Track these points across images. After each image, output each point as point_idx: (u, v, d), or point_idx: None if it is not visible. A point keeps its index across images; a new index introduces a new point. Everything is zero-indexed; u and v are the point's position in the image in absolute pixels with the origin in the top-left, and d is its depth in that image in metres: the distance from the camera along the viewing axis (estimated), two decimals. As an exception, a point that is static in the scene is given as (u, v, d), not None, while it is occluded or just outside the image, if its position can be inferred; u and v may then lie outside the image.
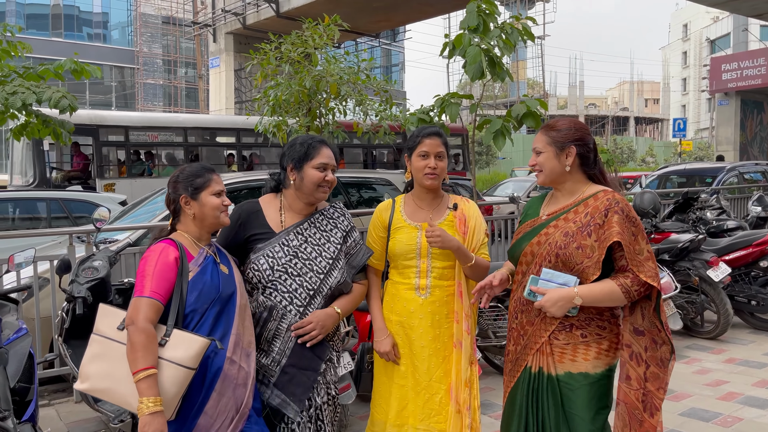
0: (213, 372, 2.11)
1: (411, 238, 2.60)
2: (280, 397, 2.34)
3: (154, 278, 2.07)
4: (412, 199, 2.71)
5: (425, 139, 2.59)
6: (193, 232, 2.27)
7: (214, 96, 21.60)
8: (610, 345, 2.26)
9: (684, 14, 62.47)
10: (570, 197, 2.34)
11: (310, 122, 5.30)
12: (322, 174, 2.43)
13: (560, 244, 2.24)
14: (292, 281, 2.38)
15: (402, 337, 2.62)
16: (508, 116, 5.71)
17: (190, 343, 2.03)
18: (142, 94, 37.83)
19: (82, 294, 3.35)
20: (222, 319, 2.17)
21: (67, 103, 3.81)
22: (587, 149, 2.31)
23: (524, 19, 6.64)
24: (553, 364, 2.27)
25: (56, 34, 36.33)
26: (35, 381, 2.95)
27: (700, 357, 5.35)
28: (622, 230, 2.15)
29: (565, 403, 2.24)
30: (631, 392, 2.21)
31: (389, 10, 18.79)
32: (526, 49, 46.72)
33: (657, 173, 12.55)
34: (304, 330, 2.35)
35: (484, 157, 36.35)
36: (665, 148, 51.32)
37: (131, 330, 2.00)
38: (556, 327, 2.26)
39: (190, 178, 2.26)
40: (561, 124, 2.33)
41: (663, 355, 2.21)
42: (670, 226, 6.62)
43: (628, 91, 70.54)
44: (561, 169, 2.30)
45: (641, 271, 2.15)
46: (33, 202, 8.22)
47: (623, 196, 2.26)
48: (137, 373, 1.95)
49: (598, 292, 2.17)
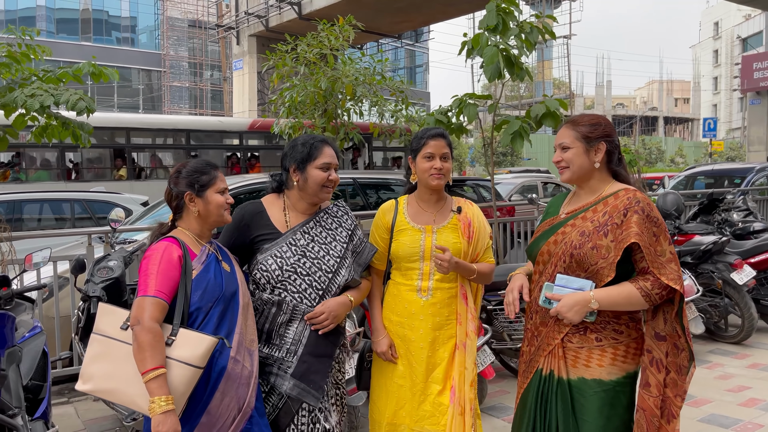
0: (217, 371, 2.09)
1: (414, 240, 2.59)
2: (299, 387, 2.34)
3: (158, 277, 2.05)
4: (415, 201, 2.70)
5: (430, 141, 2.59)
6: (194, 229, 2.25)
7: (238, 98, 21.81)
8: (627, 350, 2.17)
9: (715, 12, 61.26)
10: (591, 195, 2.27)
11: (326, 123, 5.30)
12: (326, 174, 2.43)
13: (575, 244, 2.17)
14: (302, 281, 2.38)
15: (401, 338, 2.62)
16: (527, 117, 5.66)
17: (197, 341, 2.02)
18: (168, 96, 38.39)
19: (97, 293, 3.40)
20: (226, 318, 2.16)
21: (84, 105, 3.87)
22: (614, 146, 2.25)
23: (545, 17, 6.56)
24: (565, 368, 2.20)
25: (85, 38, 37.07)
26: (48, 379, 3.00)
27: (723, 362, 5.22)
28: (641, 231, 2.06)
29: (576, 409, 2.17)
30: (650, 399, 2.13)
31: (411, 11, 18.76)
32: (551, 49, 46.29)
33: (683, 174, 12.30)
34: (317, 320, 2.36)
35: (509, 158, 36.10)
36: (695, 149, 50.36)
37: (137, 330, 1.98)
38: (570, 329, 2.19)
39: (196, 175, 2.23)
40: (588, 119, 2.26)
41: (682, 362, 2.13)
42: (693, 228, 6.48)
43: (657, 91, 69.39)
44: (590, 166, 2.23)
45: (662, 274, 2.06)
46: (57, 203, 8.40)
47: (647, 196, 2.17)
48: (147, 373, 1.93)
49: (617, 296, 2.09)
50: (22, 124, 4.17)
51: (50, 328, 4.62)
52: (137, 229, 5.37)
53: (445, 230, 2.61)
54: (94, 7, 37.94)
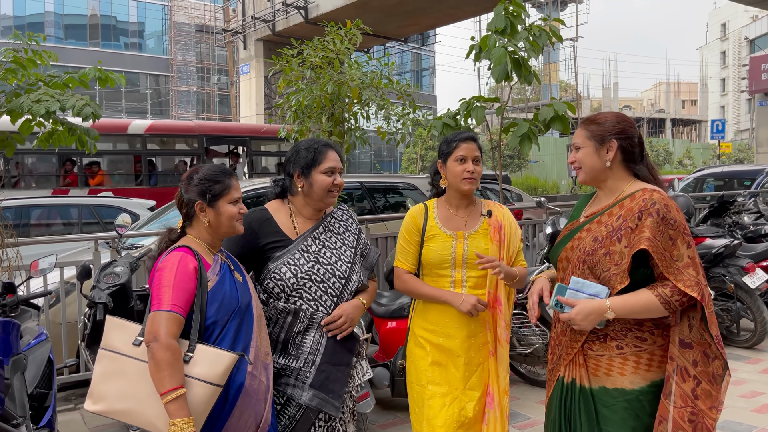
0: (235, 388, 1.99)
1: (446, 247, 2.55)
2: (319, 397, 2.29)
3: (174, 290, 1.94)
4: (445, 205, 2.65)
5: (462, 144, 2.56)
6: (205, 238, 2.15)
7: (245, 102, 21.85)
8: (652, 358, 2.05)
9: (722, 13, 61.01)
10: (611, 197, 2.16)
11: (333, 127, 5.28)
12: (331, 179, 2.39)
13: (588, 250, 2.08)
14: (317, 288, 2.34)
15: (437, 346, 2.57)
16: (535, 119, 5.61)
17: (216, 358, 1.93)
18: (176, 101, 38.53)
19: (103, 300, 3.38)
20: (242, 331, 2.07)
21: (90, 111, 3.85)
22: (631, 143, 2.13)
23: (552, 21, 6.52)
24: (587, 376, 2.11)
25: (93, 43, 37.29)
26: (54, 386, 2.97)
27: (735, 367, 5.15)
28: (653, 235, 1.95)
29: (600, 420, 2.08)
30: (676, 410, 1.98)
31: (417, 15, 18.75)
32: (558, 52, 46.17)
33: (693, 176, 12.21)
34: (336, 325, 2.32)
35: (516, 161, 35.98)
36: (703, 151, 50.07)
37: (155, 347, 1.87)
38: (589, 337, 2.10)
39: (208, 183, 2.12)
40: (602, 117, 2.17)
41: (716, 371, 1.99)
42: (704, 231, 6.41)
43: (664, 93, 69.14)
44: (602, 165, 2.13)
45: (678, 280, 1.95)
46: (66, 208, 8.42)
47: (666, 196, 2.04)
48: (166, 394, 1.83)
49: (634, 304, 1.99)
50: (28, 130, 4.16)
51: (57, 334, 4.61)
52: (144, 234, 5.35)
53: (477, 236, 2.57)
54: (102, 12, 38.17)
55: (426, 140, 33.01)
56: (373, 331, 4.47)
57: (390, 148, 42.71)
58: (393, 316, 4.16)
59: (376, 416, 4.26)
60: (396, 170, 40.79)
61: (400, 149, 39.63)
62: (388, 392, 4.54)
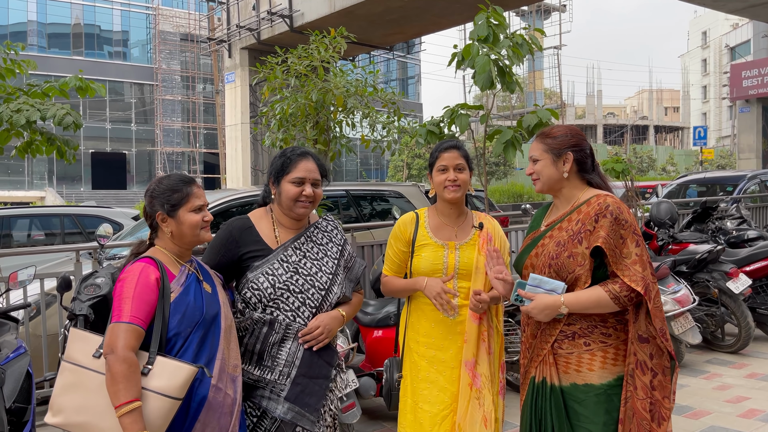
0: (197, 401, 1.97)
1: (437, 257, 2.55)
2: (293, 410, 2.24)
3: (133, 301, 1.92)
4: (436, 215, 2.65)
5: (443, 154, 2.58)
6: (172, 248, 2.13)
7: (230, 111, 21.74)
8: (617, 353, 2.20)
9: (703, 21, 61.86)
10: (567, 204, 2.33)
11: (318, 136, 5.26)
12: (299, 189, 2.33)
13: (552, 254, 2.23)
14: (295, 299, 2.30)
15: (430, 360, 2.55)
16: (519, 126, 5.63)
17: (175, 371, 1.89)
18: (161, 110, 38.33)
19: (84, 312, 3.30)
20: (207, 343, 2.03)
21: (71, 120, 3.80)
22: (584, 154, 2.32)
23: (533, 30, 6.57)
24: (557, 375, 2.24)
25: (77, 52, 37.05)
26: (33, 401, 2.91)
27: (721, 372, 5.18)
28: (607, 234, 2.13)
29: (571, 416, 2.20)
30: (638, 402, 2.14)
31: (402, 23, 18.78)
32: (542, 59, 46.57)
33: (676, 182, 12.32)
34: (312, 336, 2.28)
35: (502, 168, 36.16)
36: (686, 157, 50.64)
37: (111, 359, 1.84)
38: (558, 336, 2.24)
39: (167, 193, 2.10)
40: (556, 131, 2.33)
41: (665, 363, 2.17)
42: (688, 237, 6.46)
43: (647, 100, 69.85)
44: (559, 176, 2.30)
45: (626, 275, 2.12)
46: (47, 218, 8.31)
47: (618, 200, 2.23)
48: (120, 407, 1.80)
49: (585, 300, 2.15)
50: (7, 139, 4.09)
51: (38, 347, 4.52)
52: (126, 244, 5.28)
53: (468, 247, 2.57)
54: (85, 21, 37.95)
55: (412, 148, 33.11)
56: (359, 340, 4.44)
57: (376, 156, 42.77)
58: (379, 325, 4.14)
59: (362, 426, 4.22)
60: (383, 178, 40.84)
61: (387, 157, 39.70)
62: (374, 402, 4.51)
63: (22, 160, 3.74)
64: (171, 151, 38.55)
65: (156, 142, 38.39)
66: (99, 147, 37.82)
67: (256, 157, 20.56)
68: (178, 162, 38.85)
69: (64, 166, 36.07)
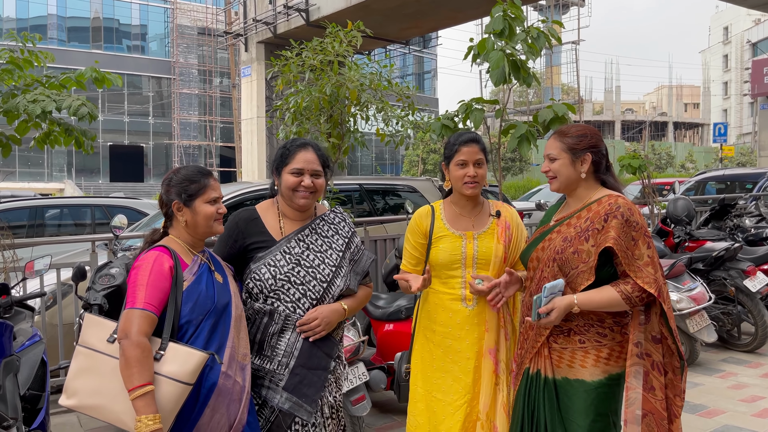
0: (207, 387, 2.01)
1: (455, 247, 2.52)
2: (291, 401, 2.26)
3: (147, 288, 1.97)
4: (451, 207, 2.62)
5: (462, 147, 2.51)
6: (185, 238, 2.18)
7: (246, 105, 21.84)
8: (611, 353, 2.23)
9: (724, 17, 60.94)
10: (579, 203, 2.34)
11: (331, 129, 5.26)
12: (297, 179, 2.33)
13: (558, 249, 2.25)
14: (296, 290, 2.31)
15: (445, 349, 2.53)
16: (534, 121, 5.59)
17: (187, 357, 1.94)
18: (178, 103, 38.58)
19: (98, 301, 3.35)
20: (218, 331, 2.08)
21: (87, 111, 3.84)
22: (601, 155, 2.33)
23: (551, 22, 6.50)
24: (551, 368, 2.27)
25: (96, 46, 37.40)
26: (47, 388, 2.95)
27: (736, 371, 5.12)
28: (617, 235, 2.14)
29: (562, 409, 2.24)
30: (657, 402, 2.18)
31: (418, 17, 18.72)
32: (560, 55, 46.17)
33: (694, 179, 12.17)
34: (309, 326, 2.29)
35: (517, 164, 35.96)
36: (705, 154, 49.99)
37: (125, 344, 1.90)
38: (554, 331, 2.27)
39: (184, 183, 2.15)
40: (575, 130, 2.33)
41: (675, 363, 2.20)
42: (705, 234, 6.38)
43: (666, 96, 69.06)
44: (576, 176, 2.31)
45: (638, 277, 2.14)
46: (77, 209, 8.44)
47: (630, 201, 2.23)
48: (133, 390, 1.85)
49: (598, 299, 2.17)
50: (25, 131, 4.15)
51: (54, 336, 4.59)
52: (140, 235, 5.33)
53: (486, 236, 2.54)
54: (104, 15, 38.28)
55: (427, 143, 33.03)
56: (371, 334, 4.45)
57: (391, 152, 42.73)
58: (390, 319, 4.14)
59: (372, 419, 4.23)
60: (398, 173, 40.76)
61: (402, 152, 39.64)
62: (384, 395, 4.52)
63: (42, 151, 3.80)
64: (188, 145, 38.83)
65: (173, 135, 38.69)
66: (117, 140, 38.20)
67: (272, 150, 20.64)
68: (194, 155, 39.13)
69: (83, 159, 36.49)
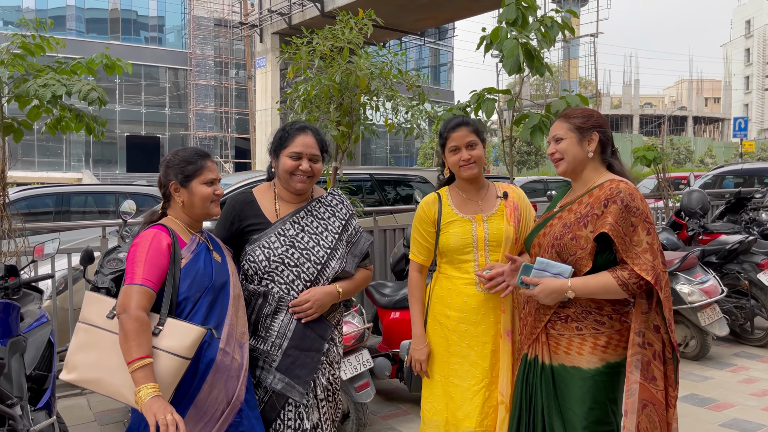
0: (205, 363, 2.04)
1: (466, 231, 2.49)
2: (284, 381, 2.28)
3: (146, 265, 2.01)
4: (456, 192, 2.60)
5: (451, 134, 2.51)
6: (183, 219, 2.22)
7: (261, 95, 21.91)
8: (609, 341, 2.19)
9: (746, 10, 59.96)
10: (583, 187, 2.30)
11: (341, 117, 5.24)
12: (296, 163, 2.33)
13: (557, 235, 2.22)
14: (290, 272, 2.31)
15: (461, 334, 2.50)
16: (548, 112, 5.54)
17: (185, 331, 1.97)
18: (194, 95, 38.77)
19: (106, 285, 3.38)
20: (215, 309, 2.11)
21: (96, 96, 3.86)
22: (607, 136, 2.29)
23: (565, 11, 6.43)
24: (548, 354, 2.26)
25: (114, 37, 37.64)
26: (53, 369, 2.98)
27: (748, 365, 5.05)
28: (615, 221, 2.09)
29: (559, 395, 2.22)
30: (658, 392, 2.14)
31: (434, 8, 18.64)
32: (578, 47, 45.73)
33: (712, 173, 12.03)
34: (301, 308, 2.29)
35: (533, 157, 35.73)
36: (725, 149, 49.24)
37: (123, 318, 1.93)
38: (552, 317, 2.25)
39: (182, 164, 2.18)
40: (579, 111, 2.31)
41: (668, 353, 2.17)
42: (719, 227, 6.30)
43: (686, 90, 68.14)
44: (583, 156, 2.26)
45: (636, 264, 2.09)
46: (102, 196, 8.57)
47: (632, 186, 2.18)
48: (132, 363, 1.88)
49: (594, 285, 2.13)
50: (37, 116, 4.18)
51: (65, 320, 4.65)
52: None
53: (495, 218, 2.52)
54: (122, 6, 38.52)
55: (442, 135, 32.92)
56: (378, 322, 4.45)
57: (406, 144, 42.62)
58: (396, 307, 4.13)
59: (377, 407, 4.24)
60: (412, 165, 40.67)
61: (417, 144, 39.53)
62: (389, 383, 4.53)
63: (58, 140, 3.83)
64: (204, 136, 39.02)
65: (189, 126, 38.89)
66: (134, 130, 38.49)
67: (286, 142, 20.69)
68: (210, 146, 39.32)
69: (100, 149, 36.83)
